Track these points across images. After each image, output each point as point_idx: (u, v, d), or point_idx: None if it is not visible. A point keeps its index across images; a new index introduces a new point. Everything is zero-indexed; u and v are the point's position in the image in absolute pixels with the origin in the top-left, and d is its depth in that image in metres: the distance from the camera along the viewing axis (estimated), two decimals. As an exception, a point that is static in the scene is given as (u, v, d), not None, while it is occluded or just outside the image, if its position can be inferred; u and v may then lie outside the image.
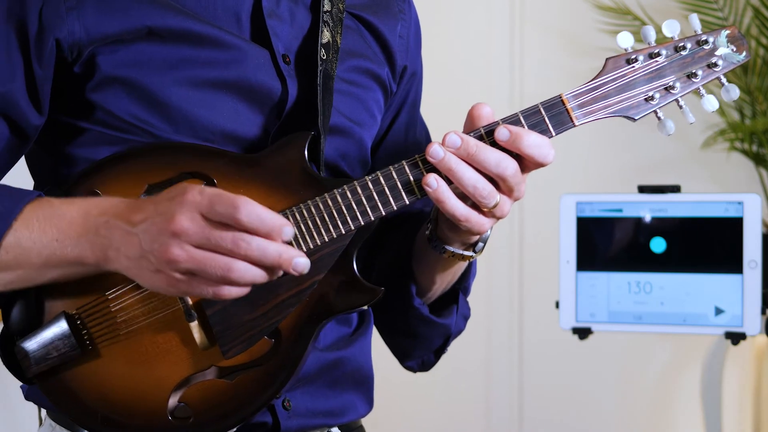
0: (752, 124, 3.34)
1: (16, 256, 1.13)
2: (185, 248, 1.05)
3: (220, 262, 1.06)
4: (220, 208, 1.05)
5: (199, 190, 1.06)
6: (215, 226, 1.05)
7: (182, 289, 1.07)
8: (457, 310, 1.40)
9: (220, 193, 1.06)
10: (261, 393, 1.18)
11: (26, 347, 1.16)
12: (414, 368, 1.48)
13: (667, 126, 1.21)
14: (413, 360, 1.47)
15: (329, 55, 1.28)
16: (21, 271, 1.14)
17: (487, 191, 1.16)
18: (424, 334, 1.41)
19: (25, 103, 1.19)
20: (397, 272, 1.37)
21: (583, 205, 2.08)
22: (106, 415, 1.17)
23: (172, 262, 1.05)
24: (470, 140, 1.16)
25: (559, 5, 3.66)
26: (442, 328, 1.40)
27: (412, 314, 1.38)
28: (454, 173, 1.16)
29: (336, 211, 1.17)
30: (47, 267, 1.13)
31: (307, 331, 1.18)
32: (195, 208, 1.05)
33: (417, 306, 1.37)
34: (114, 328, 1.17)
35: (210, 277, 1.06)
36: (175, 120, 1.21)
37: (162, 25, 1.20)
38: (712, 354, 3.26)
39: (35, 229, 1.12)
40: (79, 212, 1.12)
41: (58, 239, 1.12)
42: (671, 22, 1.21)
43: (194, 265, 1.05)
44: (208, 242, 1.05)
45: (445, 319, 1.39)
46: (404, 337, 1.44)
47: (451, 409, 3.70)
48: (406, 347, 1.45)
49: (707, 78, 1.21)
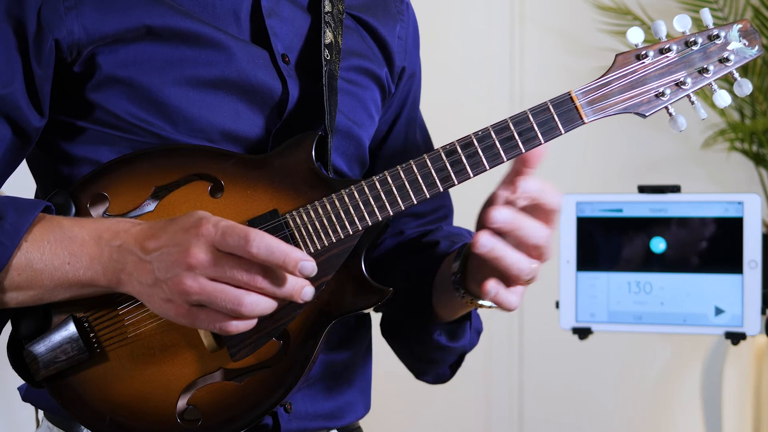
0: (752, 124, 3.33)
1: (28, 278, 1.13)
2: (199, 280, 1.06)
3: (231, 295, 1.07)
4: (231, 241, 1.06)
5: (213, 223, 1.07)
6: (228, 258, 1.06)
7: (191, 320, 1.08)
8: (470, 326, 1.39)
9: (232, 226, 1.07)
10: (270, 395, 1.17)
11: (34, 350, 1.16)
12: (429, 381, 1.49)
13: (679, 122, 1.19)
14: (428, 376, 1.47)
15: (332, 56, 1.28)
16: (33, 291, 1.14)
17: (530, 269, 1.16)
18: (440, 358, 1.42)
19: (25, 104, 1.19)
20: (412, 304, 1.36)
21: (583, 205, 2.08)
22: (114, 417, 1.17)
23: (185, 293, 1.06)
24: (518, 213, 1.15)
25: (559, 5, 3.66)
26: (458, 350, 1.41)
27: (430, 345, 1.38)
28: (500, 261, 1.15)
29: (344, 211, 1.17)
30: (59, 288, 1.14)
31: (315, 332, 1.18)
32: (210, 240, 1.06)
33: (436, 338, 1.37)
34: (122, 330, 1.17)
35: (221, 309, 1.07)
36: (174, 119, 1.21)
37: (161, 24, 1.20)
38: (712, 354, 3.25)
39: (46, 251, 1.13)
40: (91, 235, 1.12)
41: (69, 262, 1.12)
42: (682, 17, 1.19)
43: (206, 297, 1.06)
44: (223, 275, 1.06)
45: (459, 341, 1.39)
46: (420, 362, 1.44)
47: (451, 409, 3.70)
48: (421, 367, 1.46)
49: (719, 73, 1.19)
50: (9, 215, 1.12)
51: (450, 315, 1.34)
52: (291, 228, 1.17)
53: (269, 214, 1.17)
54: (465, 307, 1.30)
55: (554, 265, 2.08)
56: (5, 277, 1.12)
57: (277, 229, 1.17)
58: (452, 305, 1.32)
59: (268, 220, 1.17)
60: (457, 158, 1.17)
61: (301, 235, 1.17)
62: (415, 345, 1.40)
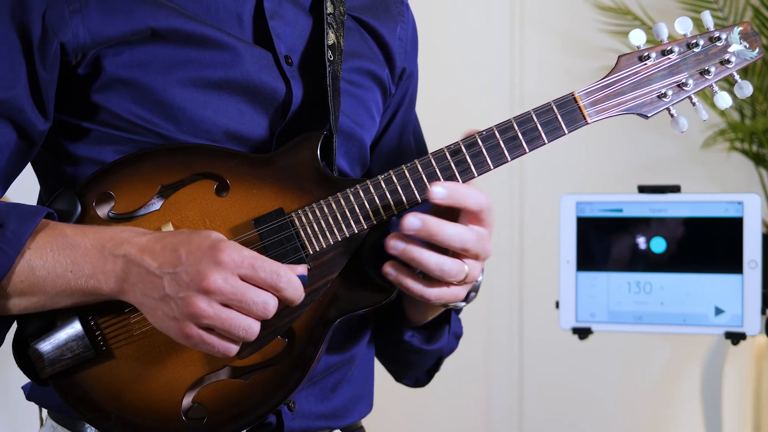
0: (752, 124, 3.34)
1: (30, 285, 1.13)
2: (213, 306, 1.07)
3: (244, 324, 1.08)
4: (263, 274, 1.08)
5: (237, 251, 1.08)
6: (249, 289, 1.08)
7: (195, 341, 1.09)
8: (449, 330, 1.40)
9: (261, 259, 1.09)
10: (275, 393, 1.18)
11: (40, 348, 1.16)
12: (409, 385, 1.50)
13: (680, 123, 1.20)
14: (407, 379, 1.48)
15: (335, 57, 1.29)
16: (35, 298, 1.14)
17: (455, 270, 1.17)
18: (416, 360, 1.42)
19: (30, 108, 1.19)
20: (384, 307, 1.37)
21: (583, 205, 2.08)
22: (119, 415, 1.18)
23: (196, 316, 1.07)
24: (430, 220, 1.15)
25: (559, 5, 3.66)
26: (434, 353, 1.41)
27: (403, 347, 1.38)
28: (418, 262, 1.16)
29: (349, 210, 1.18)
30: (61, 295, 1.14)
31: (320, 330, 1.19)
32: (233, 270, 1.07)
33: (408, 340, 1.37)
34: (128, 329, 1.18)
35: (230, 335, 1.09)
36: (179, 121, 1.21)
37: (165, 26, 1.20)
38: (712, 354, 3.26)
39: (49, 259, 1.13)
40: (93, 244, 1.13)
41: (72, 270, 1.13)
42: (684, 19, 1.20)
43: (219, 323, 1.08)
44: (238, 304, 1.08)
45: (436, 344, 1.39)
46: (396, 363, 1.45)
47: (451, 409, 3.70)
48: (398, 370, 1.47)
49: (720, 75, 1.21)
50: (11, 223, 1.12)
51: (420, 316, 1.35)
52: (296, 226, 1.18)
53: (275, 212, 1.18)
54: (430, 307, 1.31)
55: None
56: (8, 284, 1.13)
57: (283, 227, 1.18)
58: (421, 306, 1.32)
59: (274, 218, 1.18)
60: (462, 158, 1.18)
61: (306, 233, 1.18)
62: (389, 347, 1.41)
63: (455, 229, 1.15)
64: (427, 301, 1.19)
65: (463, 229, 1.16)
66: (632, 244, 2.07)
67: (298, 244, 1.18)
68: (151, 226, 1.18)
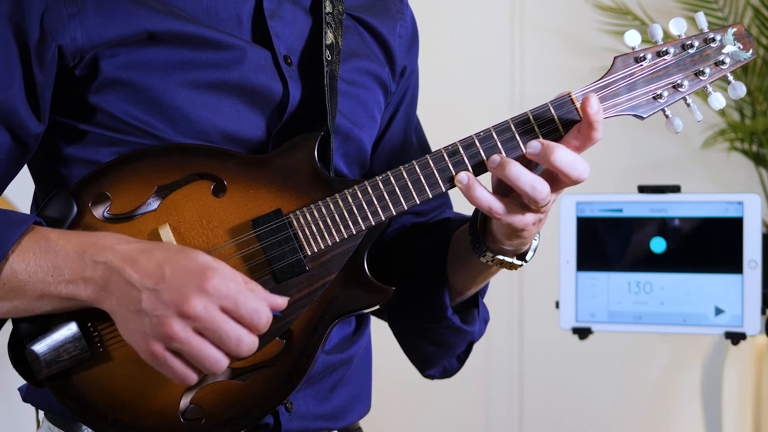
0: (752, 124, 3.34)
1: (12, 288, 1.13)
2: (187, 331, 1.06)
3: (213, 357, 1.07)
4: (244, 311, 1.07)
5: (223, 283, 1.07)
6: (226, 322, 1.07)
7: (160, 361, 1.08)
8: (479, 314, 1.39)
9: (245, 294, 1.07)
10: (273, 394, 1.18)
11: (36, 350, 1.16)
12: (435, 376, 1.47)
13: (675, 124, 1.21)
14: (435, 368, 1.45)
15: (333, 57, 1.28)
16: (17, 302, 1.14)
17: (546, 192, 1.16)
18: (452, 342, 1.41)
19: (24, 110, 1.19)
20: (425, 281, 1.36)
21: (583, 205, 2.08)
22: (116, 417, 1.17)
23: (168, 337, 1.06)
24: (550, 144, 1.15)
25: (559, 5, 3.66)
26: (468, 335, 1.40)
27: (444, 324, 1.37)
28: (515, 176, 1.15)
29: (347, 211, 1.18)
30: (41, 300, 1.13)
31: (318, 331, 1.19)
32: (216, 300, 1.06)
33: (450, 317, 1.36)
34: None
35: (197, 363, 1.08)
36: (176, 121, 1.21)
37: (162, 29, 1.20)
38: (712, 354, 3.26)
39: (31, 263, 1.12)
40: (75, 249, 1.12)
41: (53, 275, 1.12)
42: (678, 21, 1.21)
43: (188, 349, 1.07)
44: (213, 335, 1.07)
45: (471, 326, 1.39)
46: (430, 345, 1.43)
47: (451, 409, 3.70)
48: (430, 355, 1.44)
49: (714, 76, 1.21)
50: None
51: (467, 284, 1.34)
52: (294, 227, 1.18)
53: (273, 213, 1.18)
54: (484, 269, 1.30)
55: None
56: None
57: (281, 228, 1.17)
58: (470, 271, 1.32)
59: (272, 219, 1.18)
60: (459, 159, 1.18)
61: (304, 234, 1.18)
62: (429, 324, 1.39)
63: (570, 156, 1.15)
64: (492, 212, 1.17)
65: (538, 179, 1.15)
66: (632, 244, 2.07)
67: (297, 245, 1.18)
68: (148, 227, 1.18)
